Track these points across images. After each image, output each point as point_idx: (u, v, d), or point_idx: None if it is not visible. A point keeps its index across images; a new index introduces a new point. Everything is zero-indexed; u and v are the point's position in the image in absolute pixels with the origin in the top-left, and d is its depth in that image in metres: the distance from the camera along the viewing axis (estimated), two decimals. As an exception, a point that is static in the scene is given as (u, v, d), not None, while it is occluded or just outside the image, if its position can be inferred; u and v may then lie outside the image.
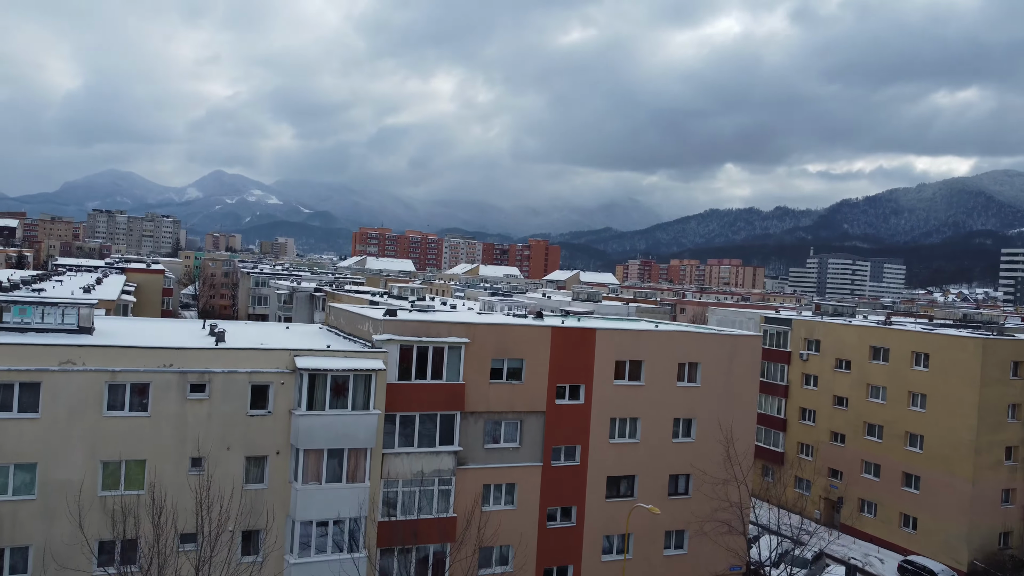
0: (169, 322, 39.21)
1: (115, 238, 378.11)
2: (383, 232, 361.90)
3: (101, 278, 74.18)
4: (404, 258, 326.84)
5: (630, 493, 38.45)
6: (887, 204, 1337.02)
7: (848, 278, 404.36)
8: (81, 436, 27.58)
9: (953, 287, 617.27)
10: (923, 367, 54.35)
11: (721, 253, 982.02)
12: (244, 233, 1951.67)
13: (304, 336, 37.54)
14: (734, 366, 40.50)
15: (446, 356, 34.01)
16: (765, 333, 68.21)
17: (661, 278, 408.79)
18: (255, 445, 30.03)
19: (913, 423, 54.59)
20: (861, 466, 58.31)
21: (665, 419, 39.05)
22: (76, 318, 31.84)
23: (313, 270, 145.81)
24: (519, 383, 35.82)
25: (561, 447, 36.96)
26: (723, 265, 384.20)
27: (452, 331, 34.33)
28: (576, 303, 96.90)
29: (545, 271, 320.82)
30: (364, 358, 31.64)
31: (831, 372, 61.51)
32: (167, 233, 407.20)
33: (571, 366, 36.91)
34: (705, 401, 39.80)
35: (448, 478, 34.04)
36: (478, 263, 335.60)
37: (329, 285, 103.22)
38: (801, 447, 64.03)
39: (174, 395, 28.87)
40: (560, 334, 36.79)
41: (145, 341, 30.33)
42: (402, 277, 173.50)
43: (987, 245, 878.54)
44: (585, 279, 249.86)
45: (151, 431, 28.54)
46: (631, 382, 38.32)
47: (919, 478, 53.86)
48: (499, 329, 35.58)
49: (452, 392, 33.96)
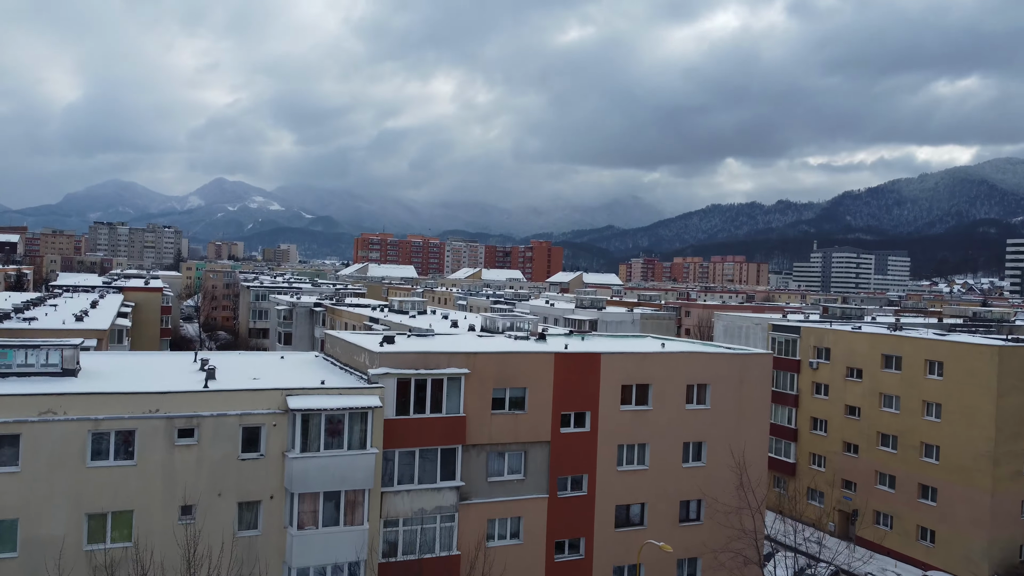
0: (159, 356, 38.00)
1: (117, 250, 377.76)
2: (385, 237, 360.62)
3: (97, 300, 73.09)
4: (406, 263, 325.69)
5: (640, 522, 37.13)
6: (889, 195, 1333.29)
7: (852, 272, 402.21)
8: (64, 488, 26.35)
9: (958, 277, 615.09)
10: (937, 376, 52.92)
11: (724, 249, 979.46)
12: (247, 240, 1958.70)
13: (299, 368, 36.28)
14: (744, 386, 39.15)
15: (446, 388, 32.73)
16: (773, 341, 66.87)
17: (664, 276, 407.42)
18: (248, 490, 28.78)
19: (928, 433, 53.16)
20: (876, 477, 56.89)
21: (674, 443, 37.72)
22: (60, 359, 30.64)
23: (314, 281, 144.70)
24: (522, 413, 34.52)
25: (567, 477, 35.65)
26: (727, 262, 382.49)
27: (452, 362, 33.05)
28: (580, 310, 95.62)
29: (548, 272, 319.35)
30: (360, 395, 30.38)
31: (842, 381, 60.10)
32: (169, 244, 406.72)
33: (576, 393, 35.61)
34: (715, 423, 38.47)
35: (451, 514, 32.75)
36: (480, 267, 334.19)
37: (330, 299, 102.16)
38: (813, 458, 62.65)
39: (161, 441, 27.63)
40: (564, 360, 35.48)
41: (130, 384, 29.09)
42: (404, 285, 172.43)
43: (991, 234, 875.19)
44: (588, 280, 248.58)
45: (138, 480, 27.31)
46: (638, 407, 37.00)
47: (936, 490, 52.43)
48: (500, 358, 34.27)
49: (453, 425, 32.68)
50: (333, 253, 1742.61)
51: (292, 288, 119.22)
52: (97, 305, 69.41)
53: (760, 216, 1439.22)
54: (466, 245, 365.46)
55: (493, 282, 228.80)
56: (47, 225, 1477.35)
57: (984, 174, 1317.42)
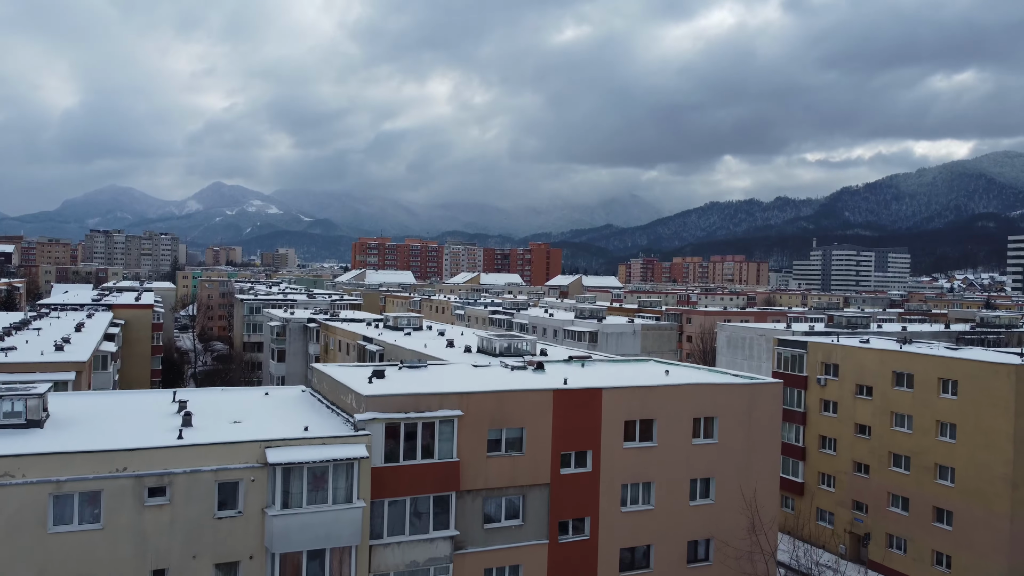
0: (135, 397, 35.90)
1: (113, 258, 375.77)
2: (383, 241, 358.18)
3: (83, 323, 70.99)
4: (404, 268, 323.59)
5: (646, 564, 35.16)
6: (888, 190, 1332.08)
7: (853, 269, 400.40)
8: (23, 558, 24.34)
9: (958, 272, 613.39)
10: (951, 395, 50.95)
11: (723, 247, 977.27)
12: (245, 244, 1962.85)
13: (282, 408, 34.24)
14: (754, 417, 37.17)
15: (438, 432, 30.75)
16: (779, 356, 64.91)
17: (664, 276, 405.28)
18: (225, 551, 26.78)
19: (943, 454, 51.18)
20: (888, 499, 54.90)
21: (681, 481, 35.73)
22: (24, 409, 28.63)
23: (310, 292, 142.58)
24: (520, 454, 32.54)
25: (568, 520, 33.67)
26: (726, 262, 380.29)
27: (444, 403, 31.06)
28: (579, 321, 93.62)
29: (547, 275, 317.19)
30: (345, 444, 28.39)
31: (851, 398, 58.11)
32: (166, 251, 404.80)
33: (576, 431, 33.63)
34: (724, 458, 36.49)
35: (445, 566, 30.77)
36: (479, 271, 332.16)
37: (325, 312, 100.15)
38: (822, 477, 60.67)
39: (130, 502, 25.63)
40: (563, 397, 33.49)
41: (98, 438, 27.09)
42: (401, 293, 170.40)
43: (990, 228, 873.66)
44: (588, 283, 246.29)
45: (105, 545, 25.30)
46: (643, 443, 35.02)
47: (952, 514, 50.45)
48: (496, 397, 32.26)
49: (446, 471, 30.70)
50: (332, 256, 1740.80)
51: (287, 301, 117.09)
52: (83, 328, 67.33)
53: (759, 213, 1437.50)
54: (464, 248, 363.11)
55: (492, 286, 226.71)
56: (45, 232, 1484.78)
57: (982, 168, 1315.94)
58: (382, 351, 62.74)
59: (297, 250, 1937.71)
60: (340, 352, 75.82)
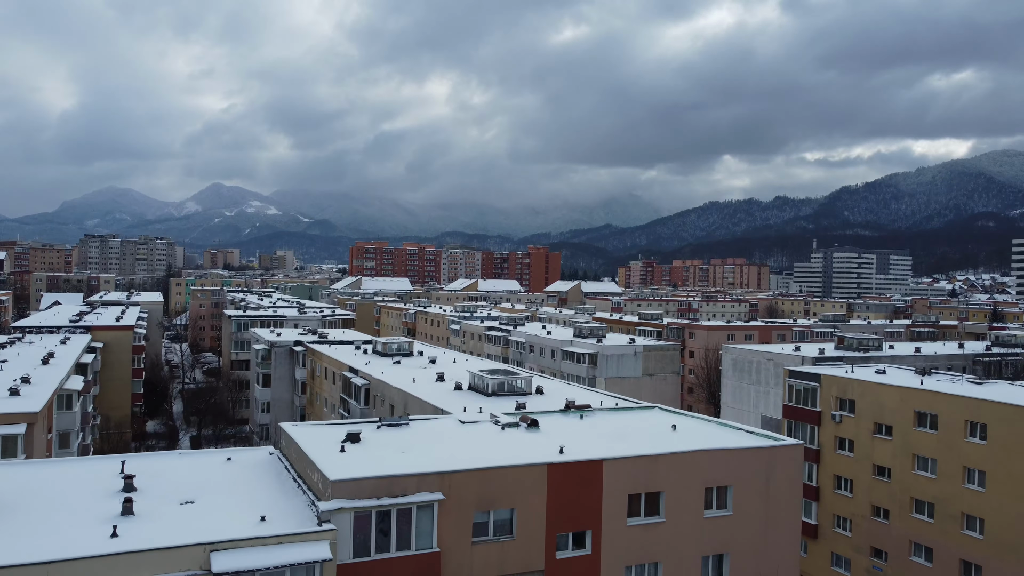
0: (74, 468, 31.90)
1: (108, 263, 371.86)
2: (380, 246, 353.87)
3: (53, 352, 67.03)
4: (401, 273, 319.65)
5: (653, 655, 31.31)
6: (887, 189, 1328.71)
7: (854, 272, 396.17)
8: None
9: (959, 273, 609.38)
10: (980, 439, 47.10)
11: (723, 247, 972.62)
12: (244, 245, 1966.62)
13: (242, 484, 30.34)
14: (772, 485, 33.33)
15: (415, 519, 26.90)
16: (790, 389, 61.07)
17: (664, 279, 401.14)
18: (162, 676, 22.87)
19: (971, 503, 47.35)
20: (909, 548, 51.06)
21: (692, 559, 31.89)
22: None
23: (301, 307, 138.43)
24: (509, 539, 28.70)
25: (565, 611, 29.80)
26: (727, 265, 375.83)
27: (422, 485, 27.21)
28: (578, 341, 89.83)
29: (546, 279, 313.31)
30: (306, 542, 24.51)
31: (869, 437, 54.27)
32: (161, 255, 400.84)
33: (574, 509, 29.79)
34: (739, 531, 32.64)
35: (424, 672, 26.90)
36: (477, 276, 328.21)
37: (315, 330, 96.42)
38: (837, 520, 56.81)
39: (48, 624, 21.72)
40: (559, 472, 29.62)
41: (9, 543, 23.18)
42: (396, 304, 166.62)
43: (990, 227, 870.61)
44: (587, 289, 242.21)
45: (17, 676, 21.41)
46: (648, 519, 31.19)
47: (980, 568, 46.63)
48: (481, 476, 28.39)
49: (424, 564, 26.85)
50: (331, 257, 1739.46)
51: (276, 317, 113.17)
52: (52, 359, 63.43)
53: (758, 213, 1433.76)
54: (463, 252, 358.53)
55: (490, 293, 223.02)
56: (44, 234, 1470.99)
57: (981, 167, 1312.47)
58: (368, 385, 59.03)
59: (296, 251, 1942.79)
60: (327, 380, 72.04)
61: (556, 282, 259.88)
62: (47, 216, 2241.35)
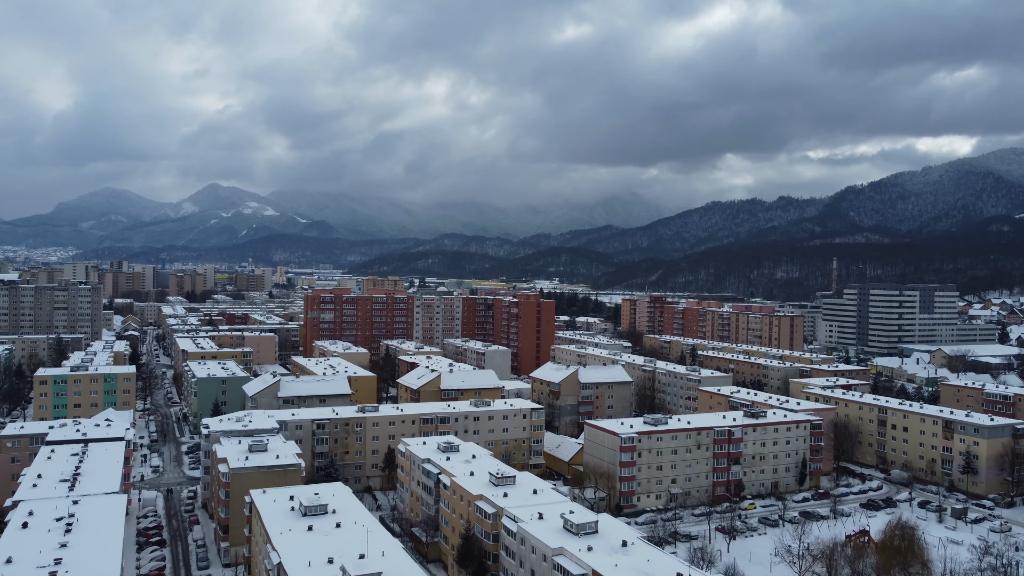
0: None
1: (20, 317, 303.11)
2: (340, 293, 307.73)
3: None
4: (366, 326, 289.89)
5: None
6: (893, 189, 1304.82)
7: (894, 312, 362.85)
8: None
9: (993, 295, 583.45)
10: None
11: (729, 256, 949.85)
12: (240, 247, 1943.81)
13: None
14: None
15: None
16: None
17: (675, 325, 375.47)
18: None
19: None
20: None
21: None
22: None
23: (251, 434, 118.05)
24: None
25: None
26: (752, 313, 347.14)
27: None
28: (570, 552, 68.40)
29: (538, 330, 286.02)
30: None
31: None
32: (85, 302, 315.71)
33: None
34: None
35: None
36: (457, 333, 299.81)
37: None
38: None
39: None
40: None
41: None
42: (341, 402, 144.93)
43: (1005, 232, 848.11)
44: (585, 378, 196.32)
45: None
46: None
47: None
48: None
49: None
50: (327, 260, 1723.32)
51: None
52: None
53: (761, 213, 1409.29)
54: (439, 299, 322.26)
55: (459, 393, 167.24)
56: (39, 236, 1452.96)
57: (989, 165, 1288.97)
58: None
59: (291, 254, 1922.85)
60: None
61: (547, 365, 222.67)
62: (42, 218, 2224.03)
